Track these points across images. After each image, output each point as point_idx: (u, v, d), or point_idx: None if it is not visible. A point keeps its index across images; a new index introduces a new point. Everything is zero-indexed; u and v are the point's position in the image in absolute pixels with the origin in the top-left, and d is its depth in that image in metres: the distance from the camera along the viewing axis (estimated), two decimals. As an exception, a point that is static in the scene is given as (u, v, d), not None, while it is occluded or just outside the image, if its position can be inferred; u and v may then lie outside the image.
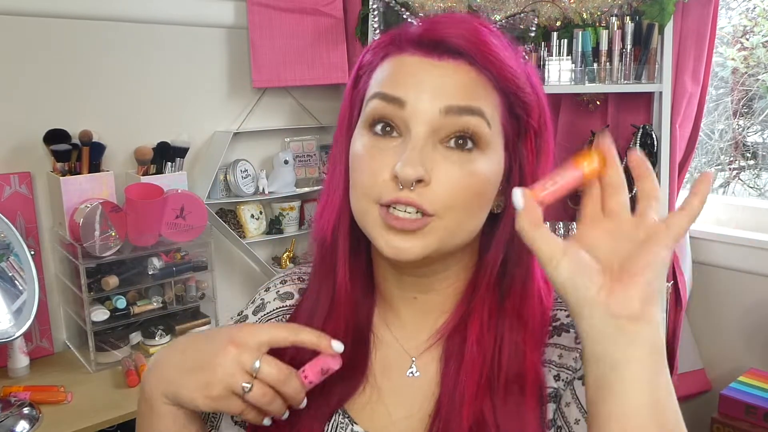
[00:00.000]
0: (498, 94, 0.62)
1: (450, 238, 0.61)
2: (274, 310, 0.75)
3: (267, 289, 0.78)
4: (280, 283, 0.78)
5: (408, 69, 0.61)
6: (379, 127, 0.62)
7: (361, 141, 0.63)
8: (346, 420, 0.67)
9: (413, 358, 0.69)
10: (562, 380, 0.65)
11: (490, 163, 0.62)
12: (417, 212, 0.59)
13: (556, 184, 0.53)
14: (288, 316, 0.74)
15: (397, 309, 0.70)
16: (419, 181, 0.58)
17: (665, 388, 0.49)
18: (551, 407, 0.64)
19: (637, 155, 0.52)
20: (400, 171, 0.57)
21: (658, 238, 0.50)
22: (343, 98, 0.69)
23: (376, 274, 0.71)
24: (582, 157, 0.54)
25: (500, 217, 0.66)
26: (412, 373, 0.68)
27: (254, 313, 0.76)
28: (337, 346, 0.60)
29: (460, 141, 0.60)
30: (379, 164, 0.60)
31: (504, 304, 0.65)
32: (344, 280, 0.68)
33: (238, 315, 0.77)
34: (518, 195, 0.52)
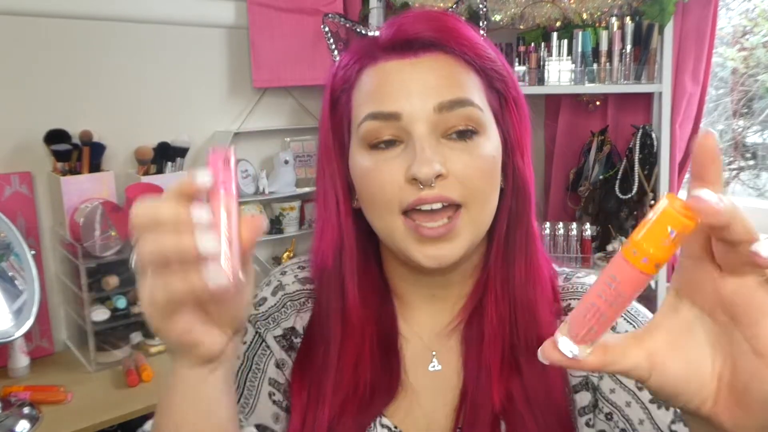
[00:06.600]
0: (477, 74, 0.64)
1: (479, 227, 0.63)
2: (295, 291, 0.73)
3: (283, 273, 0.75)
4: (298, 268, 0.75)
5: (391, 77, 0.62)
6: (377, 143, 0.62)
7: (363, 160, 0.63)
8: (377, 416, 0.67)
9: (433, 352, 0.69)
10: None
11: (491, 141, 0.63)
12: (443, 206, 0.60)
13: (599, 311, 0.36)
14: (312, 300, 0.72)
15: (414, 307, 0.70)
16: (438, 176, 0.59)
17: None
18: (586, 396, 0.65)
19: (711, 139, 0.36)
20: (418, 172, 0.58)
21: None
22: (320, 124, 0.68)
23: (390, 278, 0.71)
24: (633, 242, 0.34)
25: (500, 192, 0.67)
26: (434, 366, 0.69)
27: (273, 293, 0.73)
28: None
29: (462, 130, 0.62)
30: (389, 173, 0.61)
31: (513, 271, 0.66)
32: (355, 301, 0.67)
33: (254, 298, 0.74)
34: (543, 357, 0.38)
